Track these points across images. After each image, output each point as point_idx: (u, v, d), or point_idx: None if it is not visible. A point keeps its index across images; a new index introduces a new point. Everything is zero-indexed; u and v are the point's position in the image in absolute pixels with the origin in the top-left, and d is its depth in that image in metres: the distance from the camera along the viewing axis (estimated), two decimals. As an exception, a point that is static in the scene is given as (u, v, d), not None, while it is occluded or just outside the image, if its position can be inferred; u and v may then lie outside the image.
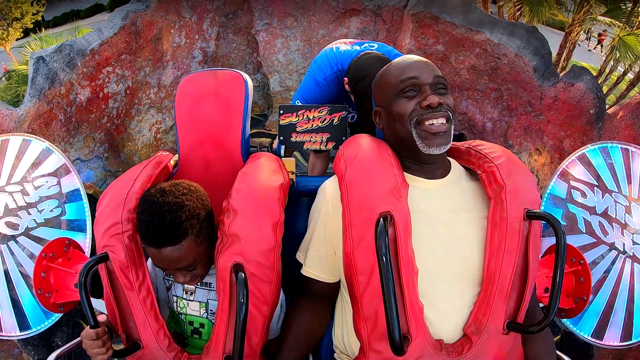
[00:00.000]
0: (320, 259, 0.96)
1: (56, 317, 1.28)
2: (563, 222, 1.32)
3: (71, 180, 1.38)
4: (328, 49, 1.65)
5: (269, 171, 1.05)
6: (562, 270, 0.78)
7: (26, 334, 1.28)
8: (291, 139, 1.35)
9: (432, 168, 0.93)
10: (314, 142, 1.35)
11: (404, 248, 0.80)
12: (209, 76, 1.18)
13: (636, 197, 1.30)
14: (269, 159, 1.13)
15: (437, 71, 0.92)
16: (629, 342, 1.24)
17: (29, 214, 1.34)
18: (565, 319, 1.23)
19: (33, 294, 1.25)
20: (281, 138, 1.35)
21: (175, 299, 1.04)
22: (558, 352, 0.97)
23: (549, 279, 1.08)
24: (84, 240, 1.34)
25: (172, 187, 0.91)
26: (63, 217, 1.36)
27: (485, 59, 2.31)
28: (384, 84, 0.97)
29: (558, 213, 1.33)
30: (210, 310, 1.02)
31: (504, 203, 0.86)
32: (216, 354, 0.87)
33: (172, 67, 2.63)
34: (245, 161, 1.14)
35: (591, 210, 1.31)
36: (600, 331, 1.25)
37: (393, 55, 1.56)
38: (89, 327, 0.85)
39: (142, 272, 0.93)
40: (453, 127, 0.91)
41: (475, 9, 2.31)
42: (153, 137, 2.67)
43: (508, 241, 0.84)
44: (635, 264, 1.27)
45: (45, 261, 1.16)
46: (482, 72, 2.34)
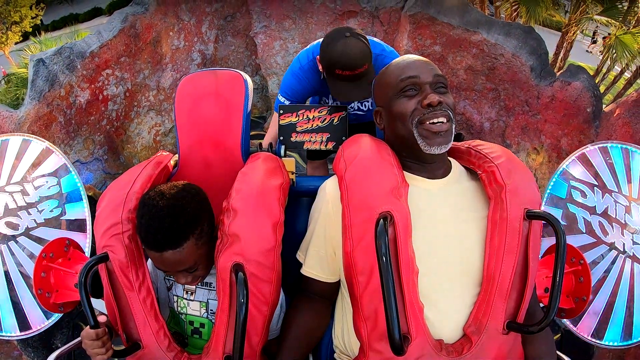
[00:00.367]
0: (320, 258, 0.96)
1: (56, 317, 1.28)
2: (563, 222, 1.32)
3: (71, 180, 1.38)
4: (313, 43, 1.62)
5: (269, 171, 1.05)
6: (562, 270, 0.78)
7: (26, 334, 1.28)
8: (291, 139, 1.35)
9: (433, 167, 0.93)
10: (314, 142, 1.35)
11: (404, 248, 0.80)
12: (209, 76, 1.18)
13: (636, 197, 1.30)
14: (269, 159, 1.13)
15: (437, 70, 0.92)
16: (629, 342, 1.24)
17: (29, 214, 1.34)
18: (565, 319, 1.23)
19: (33, 294, 1.25)
20: (281, 138, 1.35)
21: (176, 298, 1.04)
22: (558, 352, 0.97)
23: (549, 279, 1.08)
24: (84, 240, 1.34)
25: (172, 190, 0.90)
26: (63, 217, 1.36)
27: (482, 59, 2.31)
28: (384, 83, 0.97)
29: (558, 213, 1.33)
30: (211, 310, 1.02)
31: (504, 203, 0.86)
32: (216, 354, 0.87)
33: (171, 69, 2.63)
34: (245, 161, 1.14)
35: (591, 210, 1.31)
36: (600, 331, 1.25)
37: (375, 44, 1.51)
38: (88, 327, 0.85)
39: (142, 272, 0.93)
40: (454, 127, 0.91)
41: (472, 9, 2.32)
42: (152, 140, 2.67)
43: (508, 241, 0.84)
44: (635, 263, 1.27)
45: (45, 261, 1.16)
46: (479, 72, 2.34)
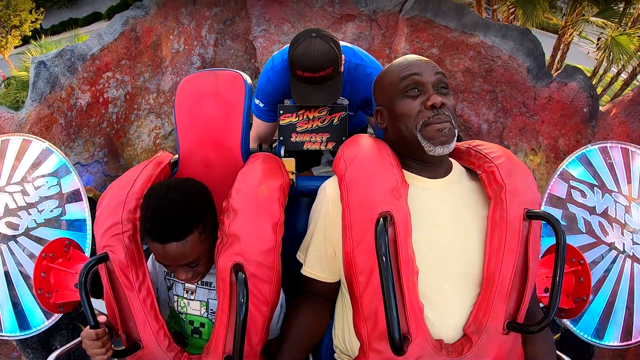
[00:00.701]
0: (320, 258, 0.96)
1: (56, 317, 1.28)
2: (563, 222, 1.32)
3: (71, 181, 1.39)
4: None
5: (269, 171, 1.05)
6: (562, 270, 0.78)
7: (26, 334, 1.28)
8: (291, 139, 1.35)
9: (433, 167, 0.93)
10: (314, 142, 1.35)
11: (403, 248, 0.80)
12: (209, 76, 1.18)
13: (636, 197, 1.30)
14: (269, 159, 1.13)
15: (438, 68, 0.92)
16: (629, 342, 1.24)
17: (29, 214, 1.34)
18: (565, 319, 1.23)
19: (33, 294, 1.25)
20: (281, 138, 1.35)
21: (176, 298, 1.04)
22: (558, 352, 0.97)
23: (549, 279, 1.08)
24: (84, 240, 1.34)
25: (178, 184, 0.92)
26: (63, 218, 1.36)
27: (479, 62, 2.32)
28: (385, 83, 0.97)
29: (558, 213, 1.33)
30: (211, 309, 1.02)
31: (504, 203, 0.86)
32: (216, 354, 0.87)
33: (171, 72, 2.64)
34: (245, 161, 1.14)
35: (591, 210, 1.31)
36: (600, 331, 1.25)
37: (355, 53, 1.48)
38: (88, 327, 0.85)
39: (142, 272, 0.93)
40: (456, 130, 0.91)
41: (469, 12, 2.33)
42: (152, 143, 2.69)
43: (508, 241, 0.84)
44: (635, 263, 1.27)
45: (45, 261, 1.16)
46: (477, 74, 2.35)
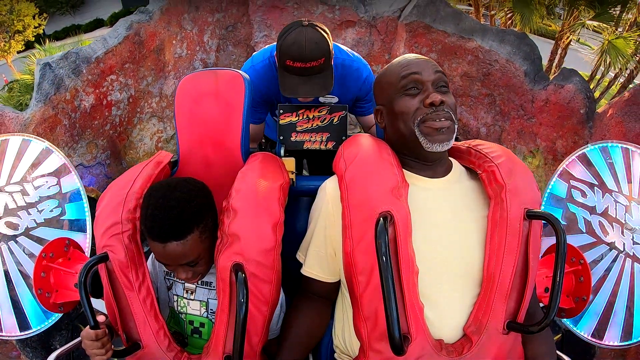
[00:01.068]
0: (320, 258, 0.96)
1: (56, 317, 1.28)
2: (563, 222, 1.32)
3: (71, 180, 1.38)
4: None
5: (269, 171, 1.05)
6: (562, 270, 0.78)
7: (26, 334, 1.28)
8: (291, 138, 1.35)
9: (433, 166, 0.93)
10: (314, 141, 1.35)
11: (404, 248, 0.80)
12: (209, 76, 1.18)
13: (636, 197, 1.30)
14: (268, 159, 1.13)
15: (438, 67, 0.92)
16: (629, 342, 1.24)
17: (29, 214, 1.34)
18: (565, 319, 1.23)
19: (33, 294, 1.25)
20: (281, 138, 1.35)
21: (176, 298, 1.04)
22: (558, 352, 0.97)
23: (549, 278, 1.07)
24: (84, 240, 1.34)
25: (179, 183, 0.92)
26: (63, 217, 1.36)
27: (477, 66, 2.34)
28: (385, 82, 0.97)
29: (558, 213, 1.33)
30: (211, 309, 1.02)
31: (504, 202, 0.86)
32: (216, 353, 0.87)
33: (174, 77, 2.67)
34: (245, 161, 1.14)
35: (591, 209, 1.31)
36: (601, 331, 1.24)
37: (342, 50, 1.46)
38: (88, 327, 0.85)
39: (142, 272, 0.93)
40: (456, 127, 0.91)
41: (466, 17, 2.35)
42: (154, 146, 2.71)
43: (508, 241, 0.83)
44: (635, 263, 1.26)
45: (45, 261, 1.16)
46: (475, 78, 2.37)
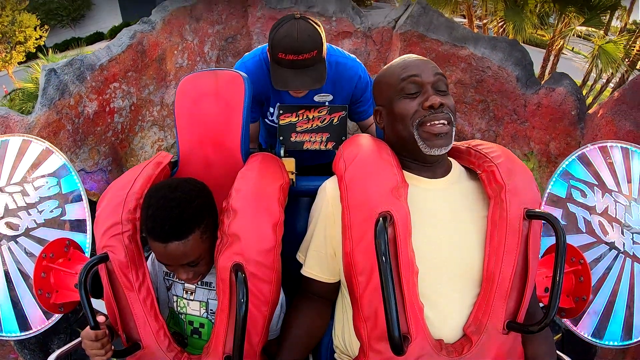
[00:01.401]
0: (320, 259, 0.96)
1: (56, 317, 1.28)
2: (563, 222, 1.32)
3: (71, 181, 1.38)
4: None
5: (269, 171, 1.05)
6: (562, 270, 0.78)
7: (26, 334, 1.28)
8: (291, 138, 1.35)
9: (433, 167, 0.93)
10: (314, 142, 1.35)
11: (403, 248, 0.80)
12: (209, 76, 1.18)
13: (636, 197, 1.30)
14: (268, 159, 1.13)
15: (437, 69, 0.92)
16: (629, 342, 1.24)
17: (29, 214, 1.34)
18: (565, 319, 1.23)
19: (33, 295, 1.25)
20: (281, 138, 1.35)
21: (176, 298, 1.04)
22: (558, 352, 0.97)
23: (549, 278, 1.07)
24: (84, 241, 1.34)
25: (180, 183, 0.92)
26: (63, 218, 1.36)
27: (470, 73, 2.38)
28: (384, 83, 0.97)
29: (558, 212, 1.33)
30: (211, 310, 1.02)
31: (504, 202, 0.86)
32: (216, 353, 0.87)
33: (174, 87, 2.71)
34: (245, 161, 1.14)
35: (591, 209, 1.31)
36: (601, 331, 1.24)
37: (335, 49, 1.46)
38: (89, 327, 0.85)
39: (142, 272, 0.93)
40: (454, 129, 0.91)
41: (459, 26, 2.41)
42: (155, 154, 2.74)
43: (508, 241, 0.83)
44: (635, 263, 1.27)
45: (45, 261, 1.16)
46: (469, 85, 2.41)
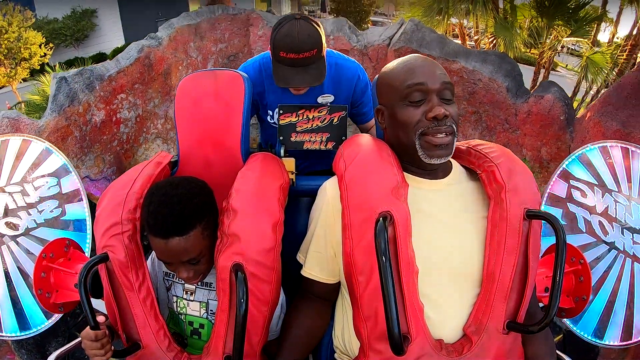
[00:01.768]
0: (320, 259, 0.96)
1: (56, 317, 1.28)
2: (563, 222, 1.32)
3: (71, 181, 1.39)
4: None
5: (269, 171, 1.05)
6: (562, 270, 0.78)
7: (26, 334, 1.28)
8: (291, 138, 1.35)
9: (433, 169, 0.93)
10: (314, 142, 1.35)
11: (403, 248, 0.80)
12: (209, 76, 1.18)
13: (636, 197, 1.30)
14: (268, 159, 1.13)
15: (445, 77, 0.89)
16: (629, 342, 1.24)
17: (29, 214, 1.34)
18: (565, 319, 1.23)
19: (33, 294, 1.25)
20: (281, 138, 1.35)
21: (175, 299, 1.04)
22: (558, 352, 0.97)
23: (549, 278, 1.07)
24: (84, 241, 1.34)
25: (181, 181, 0.93)
26: (63, 218, 1.36)
27: (462, 86, 2.44)
28: (388, 84, 0.95)
29: (558, 212, 1.33)
30: (211, 310, 1.02)
31: (504, 202, 0.86)
32: (216, 353, 0.87)
33: None
34: (245, 161, 1.14)
35: (591, 209, 1.31)
36: (601, 330, 1.25)
37: (333, 52, 1.50)
38: (89, 327, 0.85)
39: (142, 272, 0.93)
40: (456, 139, 0.90)
41: (450, 42, 2.49)
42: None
43: (508, 241, 0.83)
44: (635, 263, 1.27)
45: (45, 261, 1.16)
46: (461, 97, 2.47)
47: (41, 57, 8.11)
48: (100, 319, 0.87)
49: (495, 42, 4.75)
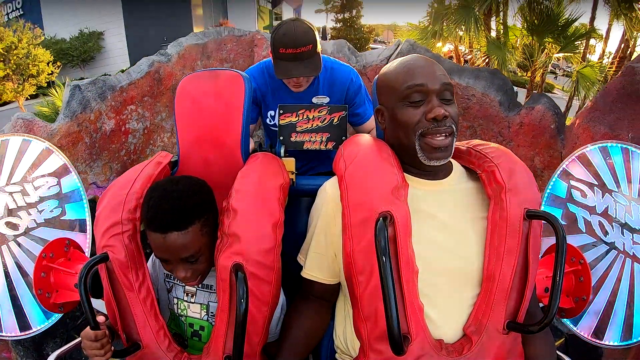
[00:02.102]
0: (320, 260, 0.96)
1: (56, 317, 1.28)
2: (563, 222, 1.32)
3: (71, 181, 1.38)
4: None
5: (269, 171, 1.05)
6: (562, 270, 0.78)
7: (26, 334, 1.28)
8: (291, 139, 1.35)
9: (433, 170, 0.93)
10: (314, 142, 1.35)
11: (403, 248, 0.80)
12: (210, 76, 1.18)
13: (636, 197, 1.30)
14: (268, 159, 1.13)
15: (445, 77, 0.89)
16: (629, 342, 1.24)
17: (29, 214, 1.34)
18: (565, 319, 1.23)
19: (33, 294, 1.25)
20: (281, 138, 1.35)
21: (176, 300, 1.04)
22: (558, 352, 0.97)
23: (549, 278, 1.07)
24: (84, 241, 1.34)
25: (181, 179, 0.94)
26: (63, 217, 1.36)
27: (457, 101, 2.49)
28: (389, 86, 0.94)
29: (558, 213, 1.33)
30: (211, 312, 1.01)
31: (504, 202, 0.86)
32: (216, 353, 0.87)
33: None
34: (245, 161, 1.14)
35: (591, 209, 1.31)
36: (601, 331, 1.25)
37: (329, 58, 1.60)
38: (89, 327, 0.85)
39: (142, 272, 0.93)
40: (455, 140, 0.90)
41: (444, 60, 2.55)
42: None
43: (508, 241, 0.83)
44: (635, 263, 1.27)
45: (45, 261, 1.16)
46: None
47: (48, 74, 8.24)
48: (100, 319, 0.87)
49: (488, 62, 4.87)
